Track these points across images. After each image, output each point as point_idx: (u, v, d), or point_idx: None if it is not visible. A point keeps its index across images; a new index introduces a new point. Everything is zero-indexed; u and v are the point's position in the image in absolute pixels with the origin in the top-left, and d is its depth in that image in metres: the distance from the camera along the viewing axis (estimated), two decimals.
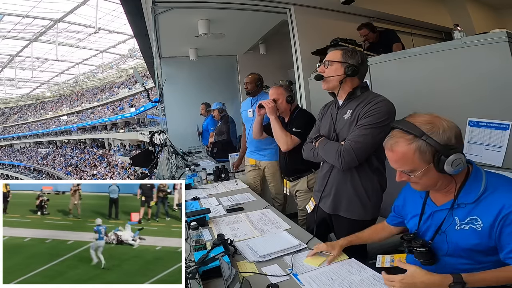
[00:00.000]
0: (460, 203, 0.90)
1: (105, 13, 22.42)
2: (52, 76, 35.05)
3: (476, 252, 0.88)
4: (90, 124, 29.21)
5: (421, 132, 0.85)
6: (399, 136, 0.88)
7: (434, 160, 0.85)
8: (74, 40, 26.94)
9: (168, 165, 3.14)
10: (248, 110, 2.64)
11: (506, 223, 0.81)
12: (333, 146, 1.35)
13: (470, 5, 4.30)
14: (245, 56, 5.32)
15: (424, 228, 1.00)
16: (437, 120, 0.87)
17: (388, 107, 1.28)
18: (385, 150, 0.93)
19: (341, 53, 1.38)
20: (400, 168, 0.91)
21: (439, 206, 0.96)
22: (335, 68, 1.38)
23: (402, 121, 0.91)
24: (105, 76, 33.73)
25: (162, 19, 3.27)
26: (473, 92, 1.54)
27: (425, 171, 0.87)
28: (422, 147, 0.85)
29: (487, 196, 0.86)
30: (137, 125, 23.89)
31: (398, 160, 0.89)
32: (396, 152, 0.89)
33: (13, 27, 23.81)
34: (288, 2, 3.15)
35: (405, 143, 0.87)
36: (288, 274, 1.08)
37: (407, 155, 0.87)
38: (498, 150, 1.42)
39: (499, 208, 0.82)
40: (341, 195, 1.41)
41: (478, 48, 1.49)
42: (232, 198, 2.09)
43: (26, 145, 37.50)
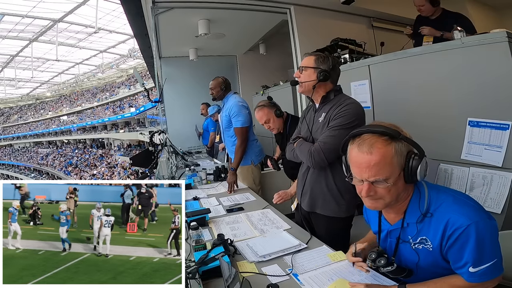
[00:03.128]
0: (409, 222, 0.90)
1: (105, 13, 22.42)
2: (52, 76, 35.04)
3: (437, 268, 0.89)
4: (90, 124, 29.21)
5: (396, 132, 0.82)
6: (374, 139, 0.83)
7: (406, 163, 0.82)
8: (74, 40, 26.93)
9: (168, 165, 3.14)
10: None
11: (450, 242, 0.81)
12: (306, 147, 1.42)
13: (470, 5, 4.29)
14: (245, 56, 5.33)
15: (386, 245, 1.02)
16: (397, 125, 0.87)
17: (356, 110, 1.35)
18: (355, 154, 0.85)
19: (314, 59, 1.44)
20: (375, 176, 0.82)
21: (393, 225, 0.96)
22: (308, 73, 1.44)
23: (368, 125, 0.88)
24: (105, 76, 33.73)
25: (162, 19, 3.27)
26: (473, 92, 1.54)
27: (397, 179, 0.83)
28: (399, 148, 0.82)
29: (431, 214, 0.85)
30: (137, 125, 23.89)
31: (377, 163, 0.81)
32: (375, 154, 0.81)
33: (13, 27, 23.80)
34: (288, 2, 3.15)
35: (383, 144, 0.81)
36: (288, 274, 1.08)
37: (387, 155, 0.81)
38: (498, 150, 1.42)
39: (443, 226, 0.82)
40: (317, 194, 1.47)
41: (478, 48, 1.49)
42: (232, 198, 2.09)
43: (26, 145, 37.50)
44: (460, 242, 0.79)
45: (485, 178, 1.48)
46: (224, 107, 2.51)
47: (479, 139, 1.50)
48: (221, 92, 2.48)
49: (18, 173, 32.84)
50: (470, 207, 0.82)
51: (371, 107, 2.21)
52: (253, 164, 2.49)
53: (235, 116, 2.35)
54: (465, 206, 0.82)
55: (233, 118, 2.37)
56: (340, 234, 1.46)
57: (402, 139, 0.82)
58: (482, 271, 0.78)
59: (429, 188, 0.89)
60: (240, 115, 2.34)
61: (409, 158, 0.83)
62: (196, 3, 3.10)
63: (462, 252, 0.80)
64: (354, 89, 2.33)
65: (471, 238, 0.77)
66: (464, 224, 0.78)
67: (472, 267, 0.78)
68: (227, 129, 2.50)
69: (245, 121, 2.35)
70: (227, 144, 2.58)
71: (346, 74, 2.39)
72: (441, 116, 1.69)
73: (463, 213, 0.80)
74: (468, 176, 1.55)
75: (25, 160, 34.48)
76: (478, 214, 0.80)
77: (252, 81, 5.14)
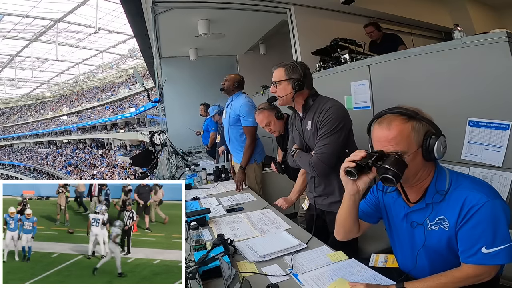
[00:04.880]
0: (428, 203, 0.91)
1: (105, 13, 22.43)
2: (52, 76, 35.05)
3: (450, 249, 0.89)
4: (90, 124, 29.21)
5: (415, 113, 0.87)
6: (393, 117, 0.88)
7: (424, 141, 0.86)
8: (74, 40, 26.94)
9: (168, 165, 3.14)
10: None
11: (465, 219, 0.82)
12: (306, 160, 1.45)
13: (470, 5, 4.30)
14: (245, 56, 5.32)
15: (400, 230, 1.02)
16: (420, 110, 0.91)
17: (337, 112, 1.38)
18: (376, 130, 0.91)
19: (284, 71, 1.45)
20: (393, 148, 0.87)
21: (411, 207, 0.97)
22: (283, 86, 1.46)
23: (391, 107, 0.92)
24: (105, 76, 33.73)
25: (162, 19, 3.27)
26: (473, 92, 1.54)
27: (414, 154, 0.86)
28: (417, 126, 0.86)
29: (450, 193, 0.87)
30: (137, 125, 23.89)
31: (394, 137, 0.86)
32: (393, 129, 0.87)
33: (13, 27, 23.81)
34: (288, 2, 3.15)
35: (401, 121, 0.87)
36: (288, 274, 1.08)
37: (404, 131, 0.86)
38: (498, 150, 1.42)
39: (460, 204, 0.83)
40: (329, 194, 1.50)
41: (478, 48, 1.49)
42: (232, 198, 2.09)
43: (26, 145, 37.50)
44: (475, 220, 0.80)
45: (485, 178, 1.48)
46: (231, 103, 2.52)
47: (479, 139, 1.50)
48: (232, 88, 2.50)
49: (18, 173, 32.84)
50: (488, 187, 0.85)
51: (371, 107, 2.21)
52: (256, 162, 2.50)
53: (245, 116, 2.39)
54: (483, 186, 0.85)
55: (243, 118, 2.40)
56: None
57: (420, 119, 0.86)
58: (494, 253, 0.79)
59: (450, 171, 0.92)
60: (250, 114, 2.37)
61: (427, 136, 0.86)
62: (196, 3, 3.10)
63: (475, 231, 0.80)
64: (354, 89, 2.33)
65: (487, 217, 0.79)
66: (481, 202, 0.80)
67: (485, 247, 0.79)
68: (233, 126, 2.51)
69: (255, 121, 2.39)
70: (232, 141, 2.58)
71: (346, 74, 2.40)
72: (441, 116, 1.67)
73: (481, 191, 0.82)
74: None
75: (25, 160, 34.47)
76: (495, 194, 0.82)
77: (252, 81, 5.10)
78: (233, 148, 2.58)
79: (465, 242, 0.83)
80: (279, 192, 2.52)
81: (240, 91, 2.53)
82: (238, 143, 2.52)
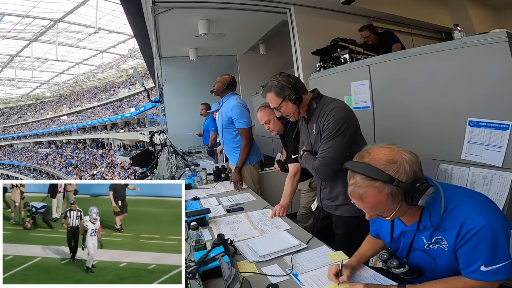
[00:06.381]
0: (426, 225, 0.91)
1: (105, 13, 22.40)
2: (52, 76, 35.02)
3: (450, 267, 0.89)
4: (90, 124, 29.20)
5: (389, 178, 0.80)
6: (366, 184, 0.82)
7: (406, 199, 0.83)
8: (74, 40, 26.92)
9: (168, 165, 3.14)
10: (214, 113, 2.60)
11: (463, 240, 0.82)
12: (310, 163, 1.43)
13: (470, 5, 4.30)
14: (245, 56, 5.32)
15: (397, 246, 1.02)
16: (398, 156, 0.82)
17: (340, 114, 1.34)
18: (351, 198, 0.88)
19: (274, 94, 1.42)
20: (372, 212, 0.88)
21: (408, 226, 0.97)
22: (284, 107, 1.43)
23: (362, 164, 0.84)
24: (105, 76, 33.71)
25: (162, 19, 3.27)
26: (473, 92, 1.54)
27: (398, 209, 0.85)
28: (394, 192, 0.81)
29: (447, 215, 0.86)
30: (137, 125, 23.88)
31: (370, 208, 0.86)
32: (367, 202, 0.84)
33: (13, 27, 23.79)
34: (288, 2, 3.15)
35: (375, 192, 0.81)
36: (288, 274, 1.08)
37: (380, 202, 0.82)
38: (498, 150, 1.42)
39: (459, 226, 0.83)
40: (335, 197, 1.48)
41: (478, 48, 1.49)
42: (232, 198, 2.09)
43: (26, 145, 37.48)
44: (474, 242, 0.80)
45: (485, 178, 1.48)
46: (223, 106, 2.50)
47: (479, 139, 1.50)
48: (222, 89, 2.47)
49: (18, 173, 32.83)
50: (487, 208, 0.83)
51: (371, 107, 2.21)
52: (251, 164, 2.50)
53: (238, 118, 2.37)
54: (481, 206, 0.83)
55: (236, 120, 2.39)
56: (357, 233, 1.43)
57: (396, 185, 0.80)
58: (494, 271, 0.79)
59: (444, 190, 0.89)
60: (243, 116, 2.36)
61: (408, 197, 0.82)
62: (196, 3, 3.10)
63: (475, 251, 0.80)
64: (354, 89, 2.33)
65: (486, 238, 0.79)
66: (480, 225, 0.79)
67: (484, 266, 0.79)
68: (226, 129, 2.50)
69: (249, 121, 2.40)
70: (226, 143, 2.58)
71: (346, 74, 2.40)
72: (441, 116, 1.69)
73: (479, 213, 0.81)
74: (468, 176, 1.55)
75: (25, 160, 34.46)
76: (494, 215, 0.81)
77: (252, 81, 5.13)
78: (228, 150, 2.58)
79: (464, 261, 0.84)
80: (278, 192, 2.51)
81: (231, 92, 2.49)
82: (232, 145, 2.52)
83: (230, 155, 2.58)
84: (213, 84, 2.52)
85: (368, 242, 1.21)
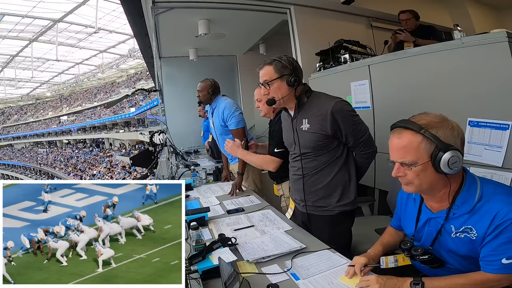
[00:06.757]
0: (456, 212, 0.91)
1: (105, 13, 22.44)
2: (52, 76, 35.07)
3: (471, 257, 0.89)
4: (90, 124, 29.21)
5: (419, 127, 0.87)
6: (404, 130, 0.90)
7: (432, 155, 0.85)
8: (74, 40, 26.95)
9: (168, 165, 3.14)
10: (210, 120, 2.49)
11: (495, 232, 0.82)
12: (367, 163, 1.42)
13: (470, 5, 4.29)
14: (245, 56, 5.33)
15: (421, 234, 1.01)
16: (443, 119, 0.89)
17: (347, 103, 1.36)
18: (390, 141, 0.93)
19: (273, 67, 1.33)
20: (402, 159, 0.89)
21: (435, 214, 0.96)
22: (277, 86, 1.33)
23: (406, 120, 0.92)
24: (105, 76, 33.74)
25: (162, 19, 3.27)
26: (473, 92, 1.54)
27: (425, 166, 0.87)
28: (426, 140, 0.86)
29: (482, 205, 0.86)
30: (137, 125, 23.89)
31: (403, 147, 0.89)
32: (402, 139, 0.89)
33: (13, 27, 23.82)
34: (288, 2, 3.15)
35: (411, 132, 0.88)
36: (288, 274, 1.08)
37: (413, 142, 0.87)
38: (498, 150, 1.42)
39: (491, 218, 0.83)
40: (317, 195, 1.42)
41: (478, 48, 1.49)
42: (236, 202, 1.99)
43: (26, 145, 37.49)
44: (506, 234, 0.80)
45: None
46: (214, 112, 2.40)
47: (479, 139, 1.50)
48: (208, 96, 2.37)
49: (18, 173, 32.84)
50: None
51: (371, 107, 2.21)
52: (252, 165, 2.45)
53: (229, 119, 2.28)
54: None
55: (228, 121, 2.29)
56: (342, 233, 1.44)
57: (423, 134, 0.86)
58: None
59: (482, 181, 0.91)
60: (234, 116, 2.27)
61: (437, 149, 0.85)
62: (196, 3, 3.10)
63: (504, 243, 0.81)
64: (354, 89, 2.33)
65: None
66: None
67: (506, 259, 0.80)
68: (222, 135, 2.41)
69: (241, 121, 2.29)
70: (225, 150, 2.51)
71: (346, 74, 2.40)
72: None
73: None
74: None
75: (25, 160, 34.47)
76: None
77: (252, 81, 5.13)
78: (230, 155, 2.48)
79: (488, 252, 0.84)
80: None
81: (218, 96, 2.40)
82: None
83: (233, 160, 2.52)
84: (197, 95, 2.40)
85: (389, 232, 1.22)
